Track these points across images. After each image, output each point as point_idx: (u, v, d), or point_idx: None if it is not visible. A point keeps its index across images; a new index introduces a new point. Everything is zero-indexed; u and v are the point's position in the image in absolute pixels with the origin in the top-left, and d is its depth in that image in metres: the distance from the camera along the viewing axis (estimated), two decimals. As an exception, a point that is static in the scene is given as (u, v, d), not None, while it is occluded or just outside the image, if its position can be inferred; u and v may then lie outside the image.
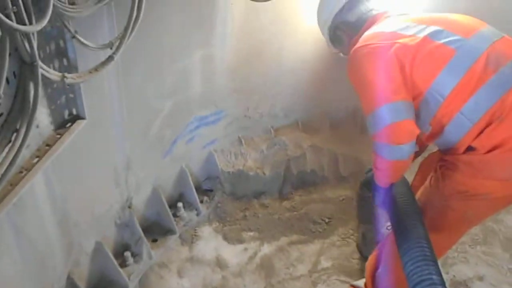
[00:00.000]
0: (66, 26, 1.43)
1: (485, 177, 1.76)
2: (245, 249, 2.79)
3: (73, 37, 1.48)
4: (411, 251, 1.64)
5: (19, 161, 1.34)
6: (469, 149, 1.77)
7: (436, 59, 1.77)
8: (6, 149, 1.25)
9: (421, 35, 1.81)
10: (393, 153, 1.82)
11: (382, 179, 2.00)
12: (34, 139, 1.55)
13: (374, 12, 2.12)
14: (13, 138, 1.27)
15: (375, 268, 2.25)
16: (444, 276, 2.53)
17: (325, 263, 2.74)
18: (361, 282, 2.44)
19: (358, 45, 1.94)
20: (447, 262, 2.68)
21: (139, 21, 1.65)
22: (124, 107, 2.13)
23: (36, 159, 1.53)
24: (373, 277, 2.27)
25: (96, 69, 1.59)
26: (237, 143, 3.17)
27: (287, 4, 2.76)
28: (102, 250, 2.27)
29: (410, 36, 1.82)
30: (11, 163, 1.24)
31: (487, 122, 1.70)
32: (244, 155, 3.14)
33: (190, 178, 2.87)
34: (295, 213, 3.04)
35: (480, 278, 2.59)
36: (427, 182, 2.01)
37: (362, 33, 2.02)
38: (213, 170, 3.06)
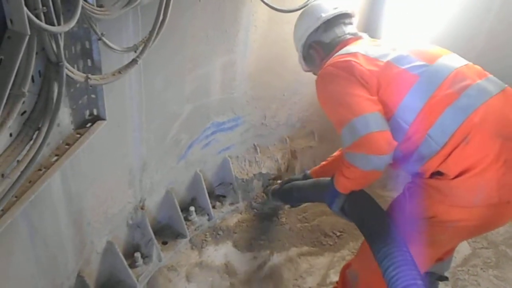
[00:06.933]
0: (93, 28, 1.44)
1: (452, 204, 1.74)
2: (255, 257, 2.77)
3: (99, 39, 1.49)
4: (391, 256, 1.63)
5: (39, 159, 1.35)
6: (437, 173, 1.75)
7: (399, 85, 1.79)
8: (27, 147, 1.27)
9: (385, 59, 1.83)
10: (370, 163, 1.78)
11: (348, 187, 1.96)
12: (54, 138, 1.57)
13: (348, 36, 2.13)
14: (34, 136, 1.28)
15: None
16: (455, 298, 2.53)
17: (334, 277, 2.71)
18: None
19: (327, 64, 2.00)
20: (458, 284, 2.64)
21: (165, 25, 1.67)
22: (143, 110, 2.14)
23: (55, 158, 1.54)
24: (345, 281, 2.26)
25: (119, 71, 1.60)
26: (252, 151, 3.16)
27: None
28: (113, 250, 2.28)
29: (373, 59, 1.85)
30: (31, 161, 1.26)
31: (454, 144, 1.69)
32: (258, 163, 3.14)
33: (203, 183, 2.87)
34: (306, 224, 3.02)
35: (492, 303, 2.55)
36: (393, 202, 2.00)
37: (333, 55, 2.05)
38: (227, 176, 3.05)
